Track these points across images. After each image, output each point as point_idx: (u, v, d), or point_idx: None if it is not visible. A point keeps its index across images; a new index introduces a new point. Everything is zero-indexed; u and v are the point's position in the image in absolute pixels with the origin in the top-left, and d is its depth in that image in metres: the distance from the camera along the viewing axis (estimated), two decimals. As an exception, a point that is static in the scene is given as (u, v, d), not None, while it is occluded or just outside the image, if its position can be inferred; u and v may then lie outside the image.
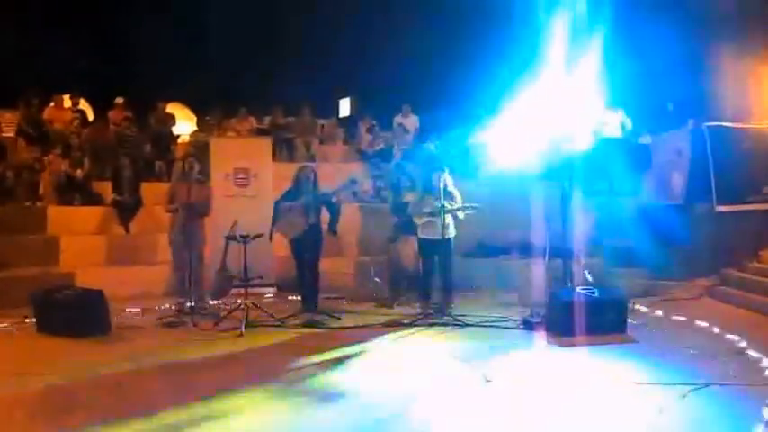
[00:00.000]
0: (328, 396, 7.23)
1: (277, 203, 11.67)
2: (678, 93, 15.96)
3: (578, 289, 10.13)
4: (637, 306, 11.53)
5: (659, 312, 11.35)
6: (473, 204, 11.32)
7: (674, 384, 7.35)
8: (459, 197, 11.49)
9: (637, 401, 6.94)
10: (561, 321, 9.73)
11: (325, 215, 11.77)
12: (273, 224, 11.64)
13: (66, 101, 19.36)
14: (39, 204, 15.83)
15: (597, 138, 14.93)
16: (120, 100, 19.26)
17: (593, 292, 9.94)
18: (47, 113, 18.58)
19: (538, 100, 11.05)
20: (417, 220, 11.67)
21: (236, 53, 22.76)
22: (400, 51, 21.62)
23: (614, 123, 16.54)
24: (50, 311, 10.54)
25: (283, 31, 23.19)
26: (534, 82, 11.04)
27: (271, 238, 11.82)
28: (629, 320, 9.99)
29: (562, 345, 9.32)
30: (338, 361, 8.68)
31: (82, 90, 19.99)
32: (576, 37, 10.96)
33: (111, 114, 19.01)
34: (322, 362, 8.64)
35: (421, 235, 11.69)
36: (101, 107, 19.97)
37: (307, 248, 11.48)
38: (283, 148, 19.46)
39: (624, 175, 14.51)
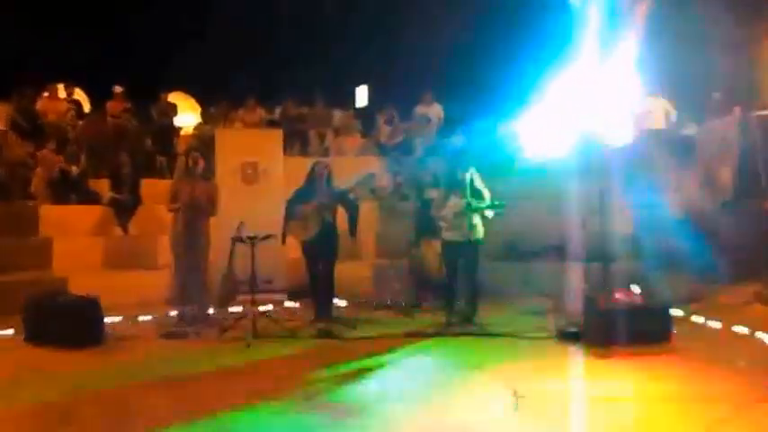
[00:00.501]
0: (344, 414, 7.13)
1: (289, 203, 11.58)
2: (725, 80, 15.83)
3: (618, 295, 10.01)
4: (681, 313, 11.39)
5: (705, 320, 11.21)
6: (501, 202, 11.18)
7: (722, 400, 7.24)
8: (487, 195, 11.35)
9: (682, 418, 6.82)
10: (599, 331, 9.63)
11: (342, 215, 11.69)
12: (285, 225, 11.57)
13: (61, 91, 19.37)
14: (30, 203, 15.76)
15: (638, 129, 14.81)
16: (118, 89, 19.22)
17: (633, 299, 9.83)
18: (40, 105, 18.57)
19: (572, 88, 10.94)
20: (441, 221, 11.57)
21: (244, 38, 22.71)
22: (422, 35, 21.50)
23: (658, 112, 16.40)
24: (41, 320, 10.49)
25: (295, 14, 23.15)
26: (569, 68, 10.93)
27: (283, 240, 11.76)
28: (673, 329, 9.86)
29: (600, 356, 9.21)
30: (355, 375, 8.60)
31: (77, 79, 19.98)
32: (613, 20, 10.86)
33: (109, 105, 18.98)
34: (337, 376, 8.56)
35: (445, 236, 11.58)
36: (98, 97, 19.96)
37: (321, 251, 11.41)
38: (295, 141, 19.39)
39: (667, 170, 14.37)
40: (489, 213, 11.24)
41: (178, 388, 8.22)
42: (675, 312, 10.72)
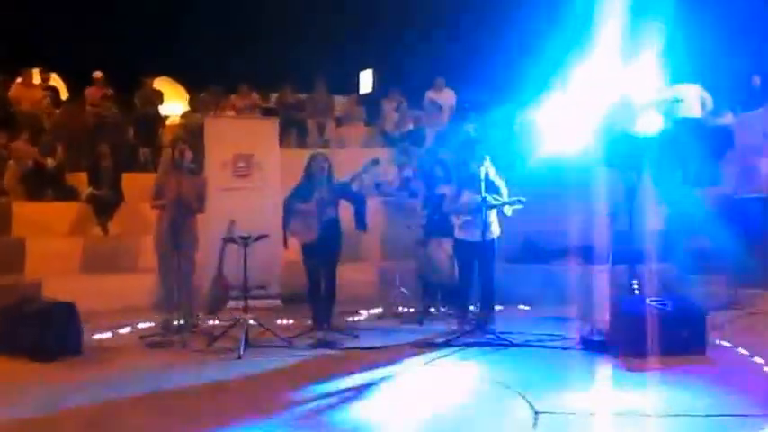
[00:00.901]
0: (345, 434, 7.08)
1: (288, 201, 11.50)
2: (765, 65, 15.80)
3: (648, 300, 9.93)
4: (717, 321, 11.31)
5: (744, 328, 11.14)
6: (520, 198, 11.11)
7: (757, 417, 7.16)
8: (504, 190, 11.29)
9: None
10: (628, 340, 9.56)
11: (345, 210, 11.62)
12: (286, 227, 11.49)
13: (36, 76, 19.40)
14: (2, 199, 15.77)
15: (669, 118, 14.76)
16: (98, 74, 19.22)
17: (665, 304, 9.75)
18: (13, 91, 18.60)
19: (597, 73, 10.88)
20: (454, 219, 11.52)
21: (237, 18, 22.66)
22: (433, 14, 21.44)
23: (692, 100, 16.35)
24: (13, 329, 10.42)
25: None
26: (592, 51, 10.87)
27: (285, 243, 11.68)
28: (708, 338, 9.79)
29: (629, 368, 9.13)
30: (357, 390, 8.52)
31: (54, 64, 19.95)
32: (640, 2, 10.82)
33: (88, 92, 19.01)
34: (338, 391, 8.48)
35: (458, 236, 11.55)
36: (76, 84, 19.94)
37: (323, 252, 11.32)
38: (292, 131, 19.38)
39: (702, 163, 14.30)
40: (507, 210, 11.20)
41: (164, 403, 8.17)
42: (711, 319, 10.64)
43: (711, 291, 12.52)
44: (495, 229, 11.31)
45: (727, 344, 10.21)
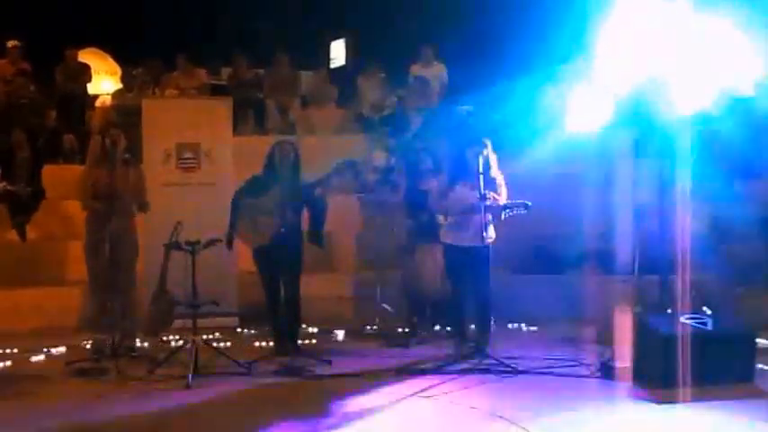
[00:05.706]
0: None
1: (237, 196, 11.52)
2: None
3: (682, 319, 9.99)
4: (768, 343, 11.39)
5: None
6: (525, 201, 11.07)
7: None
8: (504, 188, 11.26)
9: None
10: (657, 366, 9.61)
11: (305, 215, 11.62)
12: (232, 226, 11.50)
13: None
14: None
15: (719, 95, 14.78)
16: (13, 44, 19.15)
17: (703, 323, 9.81)
18: None
19: (625, 38, 10.83)
20: (443, 219, 11.51)
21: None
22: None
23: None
24: None
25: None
26: (621, 9, 10.82)
27: (229, 244, 11.66)
28: (757, 364, 9.83)
29: (658, 400, 9.18)
30: (330, 426, 8.56)
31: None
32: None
33: (0, 66, 18.93)
34: (306, 427, 8.52)
35: (446, 239, 11.55)
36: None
37: (281, 261, 11.32)
38: (249, 114, 19.37)
39: (751, 152, 14.32)
40: (505, 214, 11.15)
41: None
42: (761, 342, 10.68)
43: (760, 306, 12.53)
44: (491, 231, 11.27)
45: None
